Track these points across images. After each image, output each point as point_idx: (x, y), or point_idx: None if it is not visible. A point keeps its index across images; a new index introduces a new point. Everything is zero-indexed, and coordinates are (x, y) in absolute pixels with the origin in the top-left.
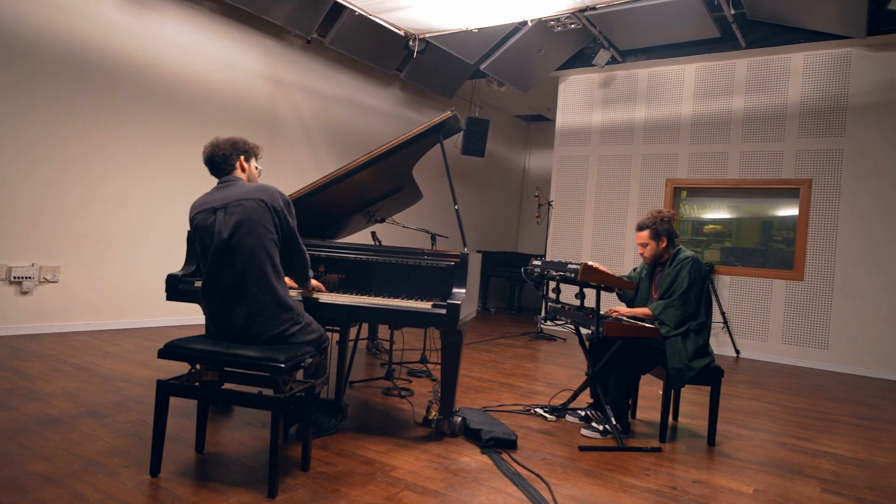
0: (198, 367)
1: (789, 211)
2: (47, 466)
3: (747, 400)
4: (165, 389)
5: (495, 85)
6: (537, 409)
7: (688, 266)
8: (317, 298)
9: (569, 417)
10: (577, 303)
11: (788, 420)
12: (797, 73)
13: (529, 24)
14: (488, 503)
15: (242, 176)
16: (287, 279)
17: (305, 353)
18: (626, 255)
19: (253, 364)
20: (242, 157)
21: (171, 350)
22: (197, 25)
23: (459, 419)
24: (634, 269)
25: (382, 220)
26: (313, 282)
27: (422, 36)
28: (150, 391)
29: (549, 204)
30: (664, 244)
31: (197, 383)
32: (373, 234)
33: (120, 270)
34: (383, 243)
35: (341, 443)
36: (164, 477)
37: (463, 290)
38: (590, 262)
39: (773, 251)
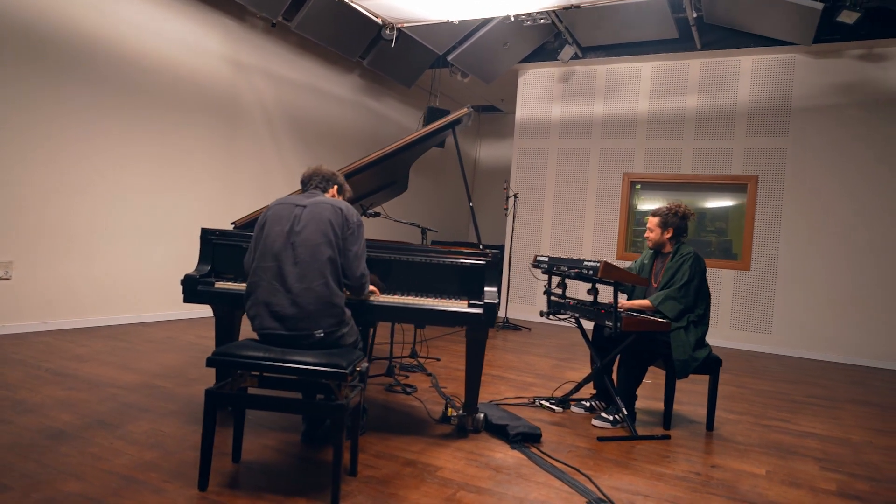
0: (224, 373)
1: (721, 203)
2: (83, 486)
3: (683, 381)
4: (214, 399)
5: (459, 76)
6: (543, 402)
7: (689, 261)
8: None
9: (574, 408)
10: (575, 298)
11: (761, 402)
12: (746, 75)
13: (512, 18)
14: (543, 499)
15: None
16: None
17: (359, 357)
18: (584, 245)
19: (314, 371)
20: (335, 188)
21: (223, 358)
22: (156, 2)
23: (482, 415)
24: (635, 262)
25: (377, 215)
26: (370, 286)
27: (399, 25)
28: (147, 398)
29: (514, 196)
30: (669, 235)
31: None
32: None
33: (77, 265)
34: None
35: (373, 444)
36: (214, 490)
37: (495, 289)
38: (608, 261)
39: (714, 242)
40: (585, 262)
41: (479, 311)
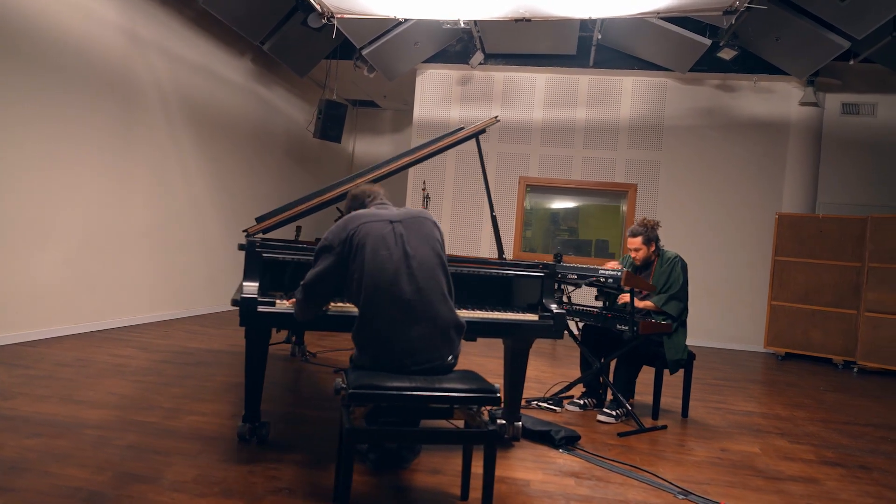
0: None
1: (569, 204)
2: None
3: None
4: (353, 437)
5: (365, 70)
6: (540, 403)
7: (679, 265)
8: None
9: (568, 407)
10: (574, 303)
11: (693, 388)
12: (627, 93)
13: (462, 24)
14: (641, 499)
15: None
16: None
17: None
18: (482, 245)
19: (470, 399)
20: None
21: (368, 392)
22: None
23: (520, 423)
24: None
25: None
26: None
27: (339, 15)
28: (148, 437)
29: (427, 197)
30: (653, 248)
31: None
32: (298, 227)
33: None
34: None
35: (437, 461)
36: None
37: (552, 300)
38: (626, 269)
39: (593, 243)
40: (600, 271)
41: (550, 322)
